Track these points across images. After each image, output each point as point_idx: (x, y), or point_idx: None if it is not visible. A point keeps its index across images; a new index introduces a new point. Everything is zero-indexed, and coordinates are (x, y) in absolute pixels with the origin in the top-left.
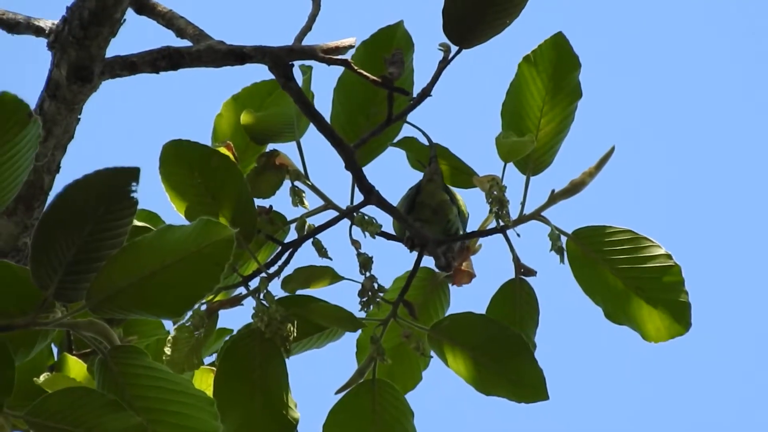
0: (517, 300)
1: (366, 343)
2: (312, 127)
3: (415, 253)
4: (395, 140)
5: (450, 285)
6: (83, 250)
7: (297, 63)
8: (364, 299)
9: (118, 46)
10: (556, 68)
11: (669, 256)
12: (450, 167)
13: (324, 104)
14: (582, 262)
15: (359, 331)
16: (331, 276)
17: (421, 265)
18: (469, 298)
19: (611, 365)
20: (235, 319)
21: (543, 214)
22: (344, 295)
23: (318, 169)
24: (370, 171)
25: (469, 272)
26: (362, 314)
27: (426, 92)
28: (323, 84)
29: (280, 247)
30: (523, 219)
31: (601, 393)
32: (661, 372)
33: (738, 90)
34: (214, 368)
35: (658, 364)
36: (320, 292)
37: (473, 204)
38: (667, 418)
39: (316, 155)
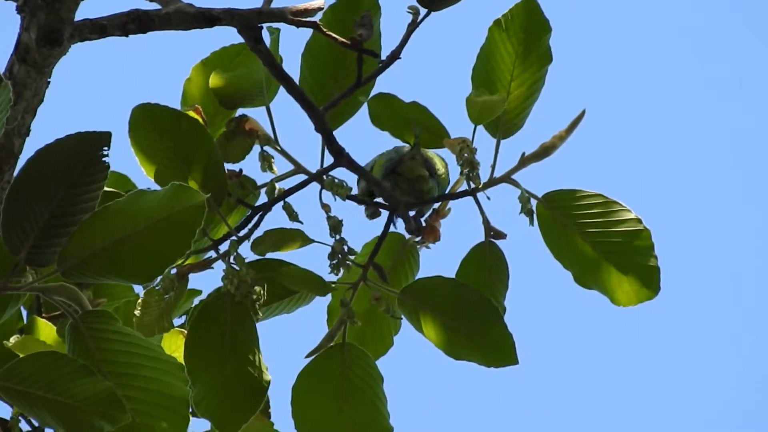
0: (486, 263)
1: (337, 309)
2: (281, 92)
3: (384, 218)
4: (369, 97)
5: (419, 248)
6: (55, 214)
7: (265, 25)
8: (334, 262)
9: (87, 9)
10: (527, 32)
11: (639, 221)
12: (424, 129)
13: (292, 70)
14: (551, 226)
15: (330, 298)
16: (301, 239)
17: (391, 229)
18: (438, 262)
19: (580, 329)
20: (205, 281)
21: (513, 177)
22: (315, 259)
23: (288, 134)
24: (340, 134)
25: (437, 230)
26: (332, 277)
27: (395, 55)
28: (291, 49)
29: (250, 211)
30: (493, 182)
31: (571, 357)
32: (630, 336)
33: (709, 53)
34: (184, 331)
35: (627, 329)
36: (291, 256)
37: None
38: (636, 381)
39: (286, 120)
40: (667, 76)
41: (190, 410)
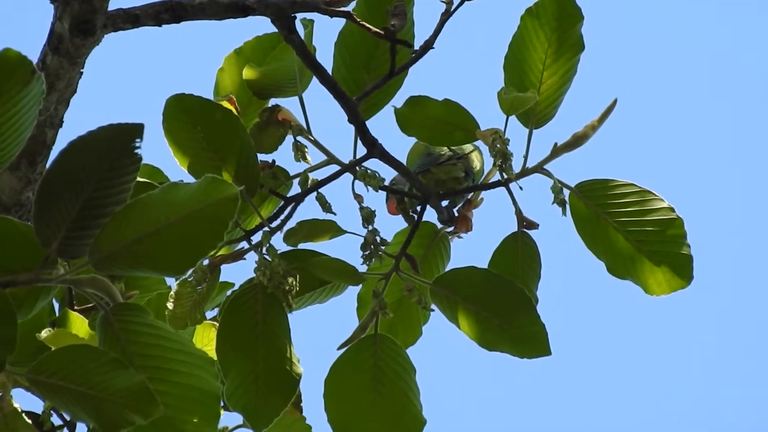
0: (519, 254)
1: (367, 298)
2: (314, 82)
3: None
4: (400, 101)
5: (451, 238)
6: (87, 206)
7: (299, 16)
8: (367, 253)
9: None
10: (559, 21)
11: (672, 210)
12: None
13: (325, 60)
14: (584, 216)
15: (360, 286)
16: (333, 229)
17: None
18: (470, 253)
19: (614, 319)
20: (237, 273)
21: (546, 167)
22: (346, 249)
23: (320, 124)
24: (372, 125)
25: (470, 221)
26: (364, 268)
27: (429, 44)
28: (324, 39)
29: (282, 202)
30: (525, 172)
31: (604, 347)
32: (663, 326)
33: (744, 36)
34: (216, 323)
35: (661, 319)
36: (323, 246)
37: None
38: (670, 372)
39: (319, 110)
40: (702, 63)
41: (222, 404)
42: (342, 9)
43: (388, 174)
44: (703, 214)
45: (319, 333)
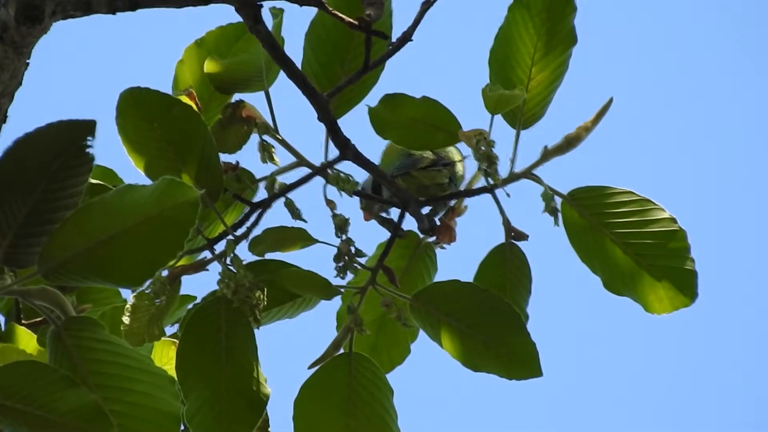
0: (507, 267)
1: (346, 315)
2: (282, 76)
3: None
4: (375, 98)
5: (435, 249)
6: (35, 210)
7: (267, 4)
8: (341, 264)
9: None
10: (550, 12)
11: (674, 220)
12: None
13: (295, 53)
14: (578, 226)
15: (339, 304)
16: (303, 238)
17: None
18: (453, 265)
19: (610, 339)
20: (199, 285)
21: (535, 172)
22: (319, 260)
23: (289, 122)
24: (345, 124)
25: (452, 230)
26: (339, 281)
27: (407, 36)
28: (294, 30)
29: (248, 208)
30: (513, 177)
31: (600, 369)
32: (664, 347)
33: (743, 34)
34: (175, 340)
35: (662, 339)
36: (292, 256)
37: None
38: (671, 395)
39: (287, 107)
40: (709, 57)
41: (182, 427)
42: None
43: (363, 177)
44: (708, 226)
45: (289, 351)
